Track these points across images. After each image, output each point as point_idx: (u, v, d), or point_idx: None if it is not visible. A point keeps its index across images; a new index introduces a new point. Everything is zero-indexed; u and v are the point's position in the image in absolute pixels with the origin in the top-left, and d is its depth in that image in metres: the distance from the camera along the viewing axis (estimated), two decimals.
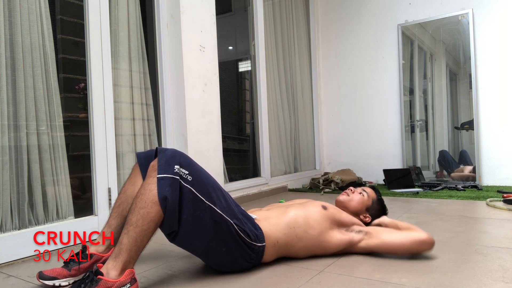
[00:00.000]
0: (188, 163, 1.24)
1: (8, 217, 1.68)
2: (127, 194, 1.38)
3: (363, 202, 1.64)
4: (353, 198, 1.63)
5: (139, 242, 1.15)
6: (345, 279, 1.28)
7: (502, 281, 1.22)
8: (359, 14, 3.99)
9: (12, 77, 1.73)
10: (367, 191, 1.68)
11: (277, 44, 3.66)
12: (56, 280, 1.29)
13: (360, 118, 4.01)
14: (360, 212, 1.62)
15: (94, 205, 2.00)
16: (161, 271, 1.44)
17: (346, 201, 1.63)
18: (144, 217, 1.14)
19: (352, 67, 4.06)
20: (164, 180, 1.16)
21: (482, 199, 2.69)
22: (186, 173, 1.21)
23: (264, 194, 3.22)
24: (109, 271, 1.12)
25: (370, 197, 1.66)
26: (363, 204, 1.63)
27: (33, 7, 1.81)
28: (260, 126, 3.38)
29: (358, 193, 1.66)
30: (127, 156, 2.21)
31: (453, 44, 3.55)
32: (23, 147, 1.76)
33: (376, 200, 1.68)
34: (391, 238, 1.45)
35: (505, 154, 3.28)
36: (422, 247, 1.44)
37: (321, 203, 1.52)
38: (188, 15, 2.42)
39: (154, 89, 2.45)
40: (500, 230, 1.86)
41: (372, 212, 1.65)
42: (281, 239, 1.41)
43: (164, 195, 1.14)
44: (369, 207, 1.64)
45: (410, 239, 1.43)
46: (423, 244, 1.43)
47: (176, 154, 1.23)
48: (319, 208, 1.48)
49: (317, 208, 1.48)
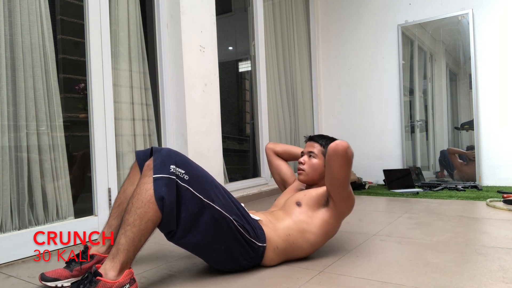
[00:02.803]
0: (184, 162, 1.24)
1: (8, 217, 1.68)
2: (126, 194, 1.38)
3: (319, 164, 1.57)
4: (309, 171, 1.57)
5: (136, 242, 1.15)
6: (345, 279, 1.28)
7: (502, 281, 1.22)
8: (359, 14, 3.99)
9: (12, 77, 1.73)
10: (313, 150, 1.58)
11: (277, 44, 3.66)
12: (58, 281, 1.29)
13: (360, 118, 4.01)
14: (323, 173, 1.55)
15: (94, 205, 2.00)
16: (161, 271, 1.44)
17: (306, 179, 1.58)
18: (141, 216, 1.14)
19: (352, 67, 4.06)
20: (160, 180, 1.15)
21: (482, 199, 2.69)
22: (183, 172, 1.21)
23: (264, 194, 3.22)
24: (107, 272, 1.11)
25: (320, 153, 1.58)
26: (320, 166, 1.57)
27: (33, 7, 1.81)
28: (260, 126, 3.38)
29: (308, 159, 1.58)
30: (127, 156, 2.22)
31: (453, 44, 3.55)
32: (23, 147, 1.76)
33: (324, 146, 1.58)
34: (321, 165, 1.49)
35: (505, 154, 3.28)
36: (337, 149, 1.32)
37: (295, 200, 1.50)
38: (188, 15, 2.42)
39: (154, 89, 2.45)
40: (500, 230, 1.86)
41: None
42: (280, 245, 1.41)
43: (160, 195, 1.14)
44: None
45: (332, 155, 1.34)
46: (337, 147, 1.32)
47: (172, 153, 1.23)
48: (296, 208, 1.47)
49: (295, 209, 1.47)
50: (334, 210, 1.46)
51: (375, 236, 1.84)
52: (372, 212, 2.44)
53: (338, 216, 1.48)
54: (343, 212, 1.49)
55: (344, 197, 1.44)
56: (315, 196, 1.48)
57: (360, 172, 3.89)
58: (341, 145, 1.32)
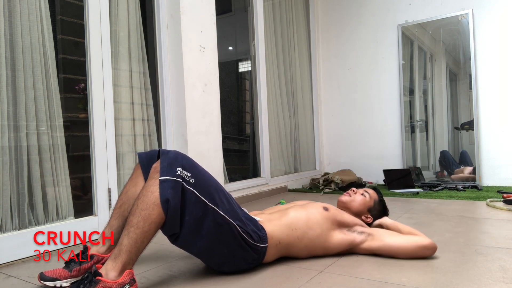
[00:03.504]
0: (191, 165, 1.24)
1: (8, 218, 1.68)
2: (128, 195, 1.38)
3: (365, 203, 1.64)
4: (355, 199, 1.64)
5: (139, 243, 1.15)
6: (345, 279, 1.28)
7: (502, 281, 1.22)
8: (359, 14, 3.99)
9: (12, 78, 1.73)
10: (369, 192, 1.69)
11: (277, 44, 3.66)
12: (57, 281, 1.29)
13: (360, 118, 4.01)
14: (362, 213, 1.63)
15: (94, 206, 2.00)
16: (161, 271, 1.44)
17: (348, 202, 1.64)
18: (145, 218, 1.14)
19: (352, 67, 4.06)
20: (166, 182, 1.16)
21: (482, 200, 2.69)
22: (189, 175, 1.21)
23: (264, 195, 3.22)
24: (108, 272, 1.11)
25: (372, 198, 1.67)
26: (365, 205, 1.64)
27: (33, 7, 1.81)
28: (260, 126, 3.38)
29: (360, 194, 1.66)
30: (127, 156, 2.22)
31: (453, 45, 3.55)
32: (23, 148, 1.76)
33: (378, 201, 1.68)
34: (394, 241, 1.46)
35: (505, 154, 3.28)
36: (425, 252, 1.44)
37: (322, 205, 1.52)
38: (188, 15, 2.42)
39: (154, 90, 2.45)
40: (500, 230, 1.86)
41: (373, 213, 1.65)
42: (283, 240, 1.41)
43: (166, 198, 1.14)
44: (370, 208, 1.65)
45: (413, 243, 1.44)
46: (425, 249, 1.44)
47: (179, 156, 1.23)
48: (320, 209, 1.48)
49: (318, 209, 1.48)
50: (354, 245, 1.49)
51: None
52: None
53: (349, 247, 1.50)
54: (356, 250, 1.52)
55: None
56: (346, 218, 1.51)
57: (360, 172, 3.89)
58: (433, 250, 1.45)
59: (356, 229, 1.50)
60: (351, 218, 1.52)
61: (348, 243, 1.48)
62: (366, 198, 1.65)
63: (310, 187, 3.66)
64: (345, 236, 1.48)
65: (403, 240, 1.46)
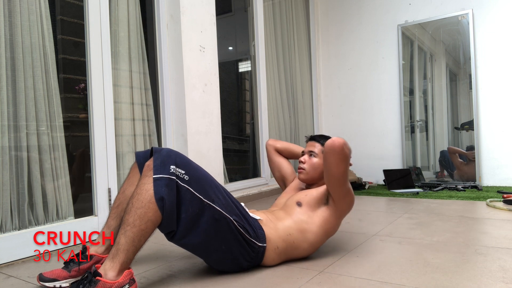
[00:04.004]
0: (184, 162, 1.24)
1: (8, 218, 1.68)
2: (126, 195, 1.38)
3: (319, 163, 1.57)
4: (309, 170, 1.57)
5: (136, 242, 1.15)
6: (345, 280, 1.28)
7: (502, 281, 1.22)
8: (359, 14, 3.99)
9: (12, 78, 1.73)
10: (314, 150, 1.59)
11: (277, 44, 3.66)
12: (56, 282, 1.29)
13: (360, 119, 4.01)
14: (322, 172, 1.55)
15: (94, 206, 2.00)
16: (161, 271, 1.44)
17: (307, 178, 1.58)
18: (141, 217, 1.14)
19: (352, 68, 4.06)
20: (160, 180, 1.15)
21: (482, 200, 2.69)
22: (183, 172, 1.21)
23: (264, 195, 3.22)
24: (107, 272, 1.11)
25: (320, 151, 1.57)
26: (319, 165, 1.57)
27: (33, 7, 1.81)
28: (260, 126, 3.38)
29: (308, 159, 1.58)
30: (127, 156, 2.22)
31: (453, 45, 3.55)
32: (23, 148, 1.76)
33: (322, 145, 1.57)
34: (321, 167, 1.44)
35: (505, 155, 3.28)
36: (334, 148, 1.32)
37: (296, 200, 1.50)
38: (188, 16, 2.42)
39: (154, 90, 2.45)
40: (500, 230, 1.86)
41: None
42: (281, 245, 1.41)
43: (160, 196, 1.14)
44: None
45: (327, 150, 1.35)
46: (333, 145, 1.32)
47: (172, 154, 1.23)
48: (297, 208, 1.47)
49: (296, 209, 1.47)
50: (334, 208, 1.46)
51: (375, 236, 1.84)
52: (372, 212, 2.44)
53: (338, 215, 1.48)
54: (343, 210, 1.49)
55: (343, 194, 1.44)
56: (315, 195, 1.49)
57: (360, 172, 3.89)
58: (337, 141, 1.32)
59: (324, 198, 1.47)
60: (318, 192, 1.49)
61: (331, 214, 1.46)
62: (315, 159, 1.57)
63: None
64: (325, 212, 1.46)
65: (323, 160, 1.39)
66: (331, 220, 1.47)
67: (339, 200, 1.45)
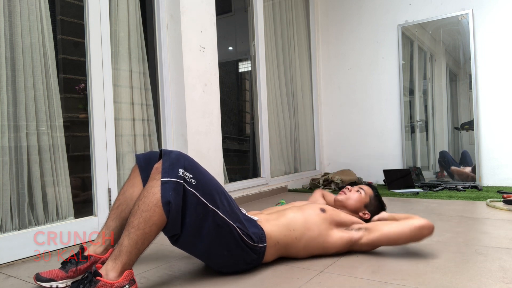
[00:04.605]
0: (193, 166, 1.24)
1: (8, 218, 1.68)
2: (126, 196, 1.38)
3: (361, 199, 1.64)
4: (351, 197, 1.64)
5: (139, 244, 1.15)
6: (345, 280, 1.28)
7: (502, 281, 1.22)
8: (359, 14, 3.99)
9: (12, 78, 1.73)
10: (364, 188, 1.69)
11: (277, 44, 3.66)
12: (53, 282, 1.28)
13: (360, 119, 4.01)
14: (359, 209, 1.63)
15: (94, 206, 2.00)
16: (161, 271, 1.44)
17: (344, 200, 1.64)
18: (146, 220, 1.14)
19: (352, 68, 4.06)
20: (168, 184, 1.15)
21: (482, 200, 2.69)
22: (190, 176, 1.21)
23: (264, 195, 3.22)
24: (108, 272, 1.11)
25: (368, 194, 1.67)
26: (361, 201, 1.64)
27: (33, 7, 1.81)
28: (260, 126, 3.38)
29: (355, 191, 1.66)
30: (127, 156, 2.22)
31: (453, 45, 3.55)
32: (23, 148, 1.76)
33: (373, 196, 1.68)
34: (391, 228, 1.45)
35: (505, 155, 3.28)
36: (422, 232, 1.41)
37: (320, 206, 1.52)
38: (188, 16, 2.42)
39: (154, 90, 2.45)
40: (500, 230, 1.86)
41: (370, 209, 1.65)
42: (282, 240, 1.41)
43: (167, 199, 1.14)
44: (367, 204, 1.65)
45: (409, 226, 1.42)
46: (422, 229, 1.41)
47: (181, 157, 1.23)
48: (317, 211, 1.48)
49: (315, 211, 1.48)
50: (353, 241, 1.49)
51: None
52: None
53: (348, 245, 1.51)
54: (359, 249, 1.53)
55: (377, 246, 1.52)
56: (343, 217, 1.51)
57: (360, 172, 3.89)
58: (430, 230, 1.42)
59: (354, 227, 1.51)
60: (348, 217, 1.53)
61: (347, 241, 1.48)
62: (361, 194, 1.65)
63: (310, 187, 3.66)
64: (344, 234, 1.48)
65: (399, 225, 1.44)
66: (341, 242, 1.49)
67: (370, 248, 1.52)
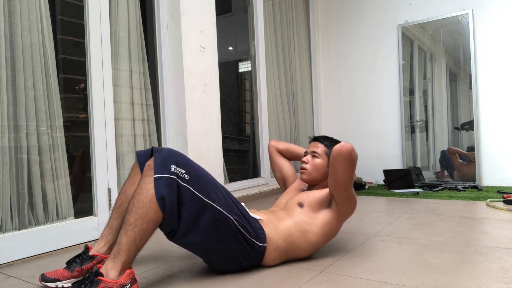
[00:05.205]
0: (185, 161, 1.24)
1: (8, 218, 1.68)
2: (127, 194, 1.38)
3: (322, 164, 1.56)
4: (311, 171, 1.56)
5: (137, 241, 1.15)
6: (345, 280, 1.28)
7: (502, 281, 1.22)
8: (359, 14, 3.99)
9: (12, 78, 1.73)
10: (317, 150, 1.58)
11: (277, 44, 3.66)
12: (58, 282, 1.29)
13: (360, 119, 4.01)
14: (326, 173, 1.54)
15: (94, 206, 2.00)
16: (161, 271, 1.44)
17: (308, 178, 1.57)
18: (142, 216, 1.14)
19: (352, 68, 4.06)
20: (161, 180, 1.16)
21: (482, 200, 2.69)
22: (183, 172, 1.21)
23: (264, 195, 3.22)
24: (108, 272, 1.12)
25: (323, 152, 1.57)
26: (323, 165, 1.56)
27: (33, 7, 1.81)
28: (260, 126, 3.38)
29: (311, 158, 1.58)
30: (127, 156, 2.22)
31: (453, 45, 3.55)
32: (23, 148, 1.76)
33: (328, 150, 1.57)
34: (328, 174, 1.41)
35: (505, 155, 3.28)
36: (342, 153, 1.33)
37: (297, 201, 1.50)
38: (188, 16, 2.42)
39: (154, 90, 2.45)
40: (500, 230, 1.86)
41: None
42: (281, 245, 1.41)
43: (161, 195, 1.14)
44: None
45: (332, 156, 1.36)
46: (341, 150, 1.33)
47: (172, 153, 1.23)
48: (298, 209, 1.47)
49: (297, 209, 1.47)
50: (336, 211, 1.46)
51: (375, 236, 1.84)
52: (372, 212, 2.44)
53: (339, 218, 1.48)
54: (345, 214, 1.49)
55: (347, 199, 1.44)
56: (318, 197, 1.49)
57: (360, 172, 3.89)
58: (345, 147, 1.33)
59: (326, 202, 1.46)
60: (320, 194, 1.48)
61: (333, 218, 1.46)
62: (317, 159, 1.56)
63: None
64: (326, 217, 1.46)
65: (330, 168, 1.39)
66: (332, 222, 1.47)
67: (343, 204, 1.45)
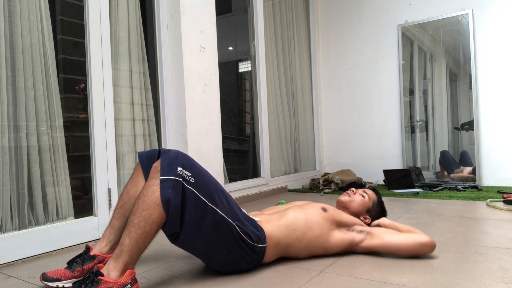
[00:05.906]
0: (191, 164, 1.25)
1: (8, 218, 1.68)
2: (129, 195, 1.38)
3: (364, 203, 1.64)
4: (355, 199, 1.64)
5: (140, 243, 1.15)
6: (345, 280, 1.28)
7: (502, 281, 1.22)
8: (359, 14, 3.99)
9: (12, 78, 1.73)
10: (368, 192, 1.69)
11: (277, 44, 3.66)
12: (59, 282, 1.29)
13: (360, 119, 4.01)
14: (361, 213, 1.63)
15: (94, 206, 2.00)
16: (161, 271, 1.44)
17: (347, 202, 1.64)
18: (146, 218, 1.14)
19: (352, 68, 4.06)
20: (167, 182, 1.16)
21: (482, 200, 2.69)
22: (189, 174, 1.21)
23: (264, 195, 3.22)
24: (110, 272, 1.12)
25: (371, 199, 1.67)
26: (364, 205, 1.64)
27: (33, 7, 1.81)
28: (260, 126, 3.38)
29: (359, 194, 1.67)
30: (127, 156, 2.21)
31: (453, 45, 3.55)
32: (23, 148, 1.76)
33: (376, 202, 1.69)
34: (393, 239, 1.46)
35: (505, 155, 3.28)
36: (424, 249, 1.45)
37: (321, 205, 1.52)
38: (188, 16, 2.42)
39: (154, 90, 2.45)
40: (500, 230, 1.86)
41: (372, 214, 1.66)
42: (282, 240, 1.41)
43: (167, 197, 1.14)
44: (369, 209, 1.65)
45: (412, 241, 1.44)
46: (424, 246, 1.44)
47: (179, 155, 1.24)
48: (319, 210, 1.49)
49: (317, 210, 1.49)
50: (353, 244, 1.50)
51: None
52: None
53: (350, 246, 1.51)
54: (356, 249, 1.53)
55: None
56: (345, 218, 1.51)
57: (360, 172, 3.89)
58: (432, 246, 1.45)
59: (355, 228, 1.51)
60: (350, 218, 1.53)
61: (348, 242, 1.49)
62: (365, 198, 1.66)
63: (310, 187, 3.66)
64: (345, 235, 1.49)
65: (402, 237, 1.46)
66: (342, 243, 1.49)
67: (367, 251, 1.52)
